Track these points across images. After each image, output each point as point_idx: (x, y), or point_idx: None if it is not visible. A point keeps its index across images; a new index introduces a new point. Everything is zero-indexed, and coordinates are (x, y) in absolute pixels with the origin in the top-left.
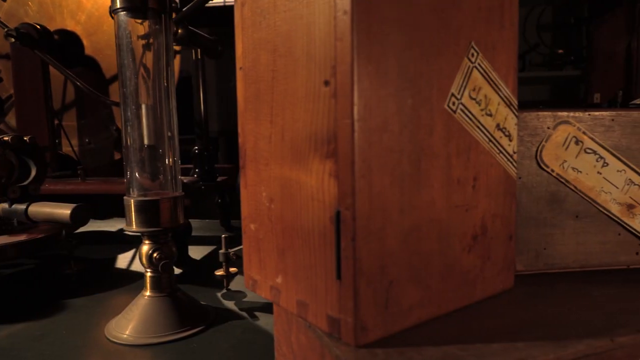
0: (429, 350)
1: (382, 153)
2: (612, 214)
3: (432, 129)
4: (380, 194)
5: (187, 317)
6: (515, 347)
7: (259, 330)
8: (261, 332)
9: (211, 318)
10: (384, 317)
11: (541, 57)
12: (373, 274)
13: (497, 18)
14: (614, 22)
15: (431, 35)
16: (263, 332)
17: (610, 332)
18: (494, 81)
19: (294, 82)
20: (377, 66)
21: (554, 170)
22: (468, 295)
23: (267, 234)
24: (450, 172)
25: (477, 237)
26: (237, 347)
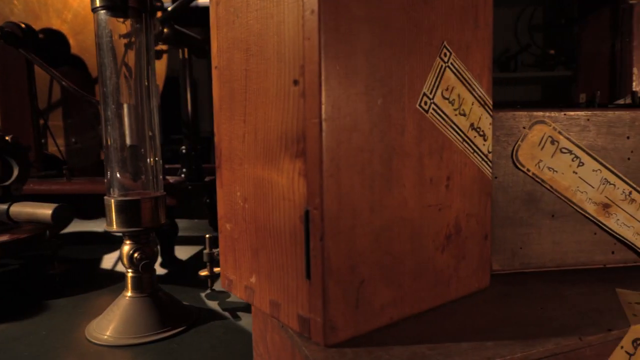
0: (397, 350)
1: (352, 152)
2: (587, 214)
3: (403, 128)
4: (349, 193)
5: (168, 318)
6: (484, 346)
7: (241, 331)
8: (242, 332)
9: (193, 318)
10: (354, 317)
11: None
12: (343, 273)
13: (471, 18)
14: (599, 23)
15: (402, 34)
16: (244, 332)
17: (580, 331)
18: (468, 81)
19: (265, 82)
20: (346, 65)
21: (529, 170)
22: (442, 295)
23: (242, 233)
24: (423, 172)
25: (451, 236)
26: (217, 348)
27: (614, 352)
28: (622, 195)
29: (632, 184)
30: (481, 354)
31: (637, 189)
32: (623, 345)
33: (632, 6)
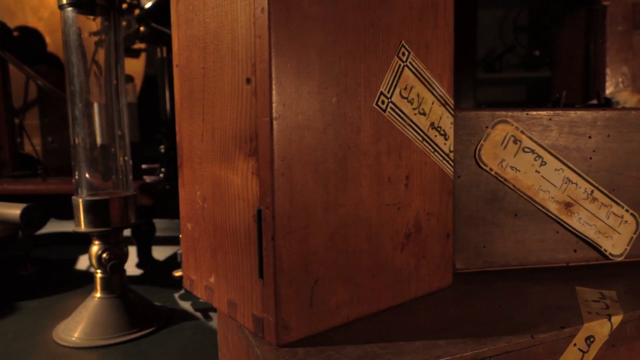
0: (349, 349)
1: (305, 151)
2: (550, 213)
3: (359, 127)
4: (302, 192)
5: (138, 318)
6: (437, 345)
7: (211, 331)
8: (212, 333)
9: (164, 319)
10: (309, 316)
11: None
12: (296, 272)
13: (431, 18)
14: (575, 24)
15: (358, 33)
16: (214, 332)
17: (534, 329)
18: (428, 80)
19: (221, 80)
20: (298, 64)
21: (492, 169)
22: (402, 294)
23: (202, 233)
24: (381, 171)
25: (410, 235)
26: (186, 348)
27: (566, 349)
28: (584, 194)
29: (594, 183)
30: (432, 353)
31: (599, 188)
32: (576, 342)
33: (604, 8)
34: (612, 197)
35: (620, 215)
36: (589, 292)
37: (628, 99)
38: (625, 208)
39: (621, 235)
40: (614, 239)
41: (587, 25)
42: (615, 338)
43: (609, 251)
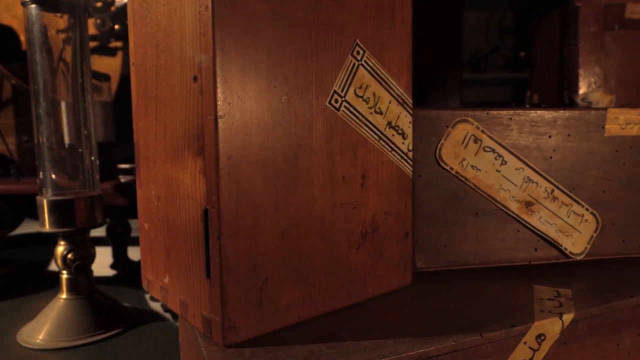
0: (296, 349)
1: (252, 150)
2: (511, 212)
3: (311, 126)
4: (250, 191)
5: (104, 319)
6: (385, 344)
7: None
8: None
9: (132, 320)
10: (258, 316)
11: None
12: (243, 272)
13: (387, 17)
14: (550, 25)
15: (309, 31)
16: None
17: (484, 327)
18: (384, 79)
19: (171, 78)
20: (244, 62)
21: (453, 168)
22: (358, 293)
23: (157, 233)
24: (334, 170)
25: (367, 234)
26: (151, 349)
27: (517, 348)
28: (545, 193)
29: (554, 182)
30: (378, 352)
31: (559, 187)
32: (526, 341)
33: (577, 9)
34: (572, 196)
35: (580, 214)
36: (545, 290)
37: (600, 99)
38: (586, 207)
39: (581, 234)
40: (575, 237)
41: (561, 26)
42: (567, 336)
43: (569, 250)
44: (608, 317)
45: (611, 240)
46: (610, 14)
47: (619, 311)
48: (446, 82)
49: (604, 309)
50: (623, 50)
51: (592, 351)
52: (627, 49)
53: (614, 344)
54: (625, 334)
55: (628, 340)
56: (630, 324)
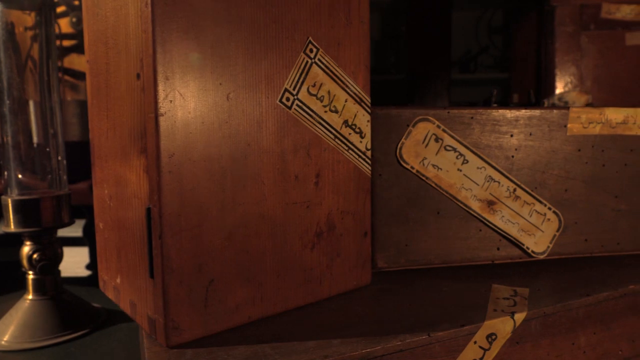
0: (240, 349)
1: (196, 148)
2: (472, 211)
3: (260, 124)
4: (194, 190)
5: (71, 320)
6: (330, 344)
7: None
8: None
9: (100, 320)
10: (203, 317)
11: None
12: (187, 272)
13: (343, 14)
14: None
15: (257, 29)
16: None
17: (434, 327)
18: (340, 77)
19: (119, 75)
20: (187, 59)
21: (414, 168)
22: (314, 293)
23: (110, 233)
24: (286, 169)
25: (322, 234)
26: (116, 350)
27: (466, 347)
28: (507, 192)
29: (516, 181)
30: (321, 352)
31: (521, 186)
32: (476, 340)
33: (553, 8)
34: (534, 195)
35: (543, 213)
36: (503, 289)
37: (576, 99)
38: (548, 206)
39: (544, 233)
40: (537, 236)
41: (538, 26)
42: (520, 335)
43: (531, 249)
44: (562, 316)
45: (574, 240)
46: (586, 14)
47: (574, 310)
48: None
49: (558, 308)
50: (599, 50)
51: (546, 350)
52: (603, 48)
53: (568, 342)
54: (580, 333)
55: (583, 339)
56: (585, 323)
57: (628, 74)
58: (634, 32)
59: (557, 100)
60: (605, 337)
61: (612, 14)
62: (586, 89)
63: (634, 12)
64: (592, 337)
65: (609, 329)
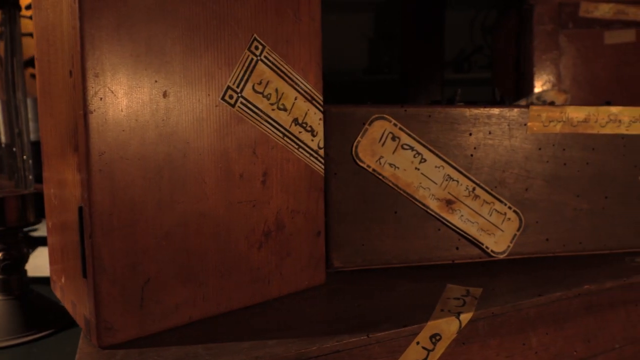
0: (172, 350)
1: (130, 147)
2: (431, 210)
3: (201, 122)
4: (127, 188)
5: (37, 320)
6: (265, 345)
7: None
8: None
9: (66, 320)
10: (139, 317)
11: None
12: (120, 272)
13: (291, 11)
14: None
15: (197, 25)
16: None
17: (377, 327)
18: (288, 75)
19: (57, 73)
20: (119, 56)
21: (370, 166)
22: (261, 293)
23: (56, 232)
24: (230, 167)
25: (270, 233)
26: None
27: (408, 348)
28: (466, 191)
29: (475, 180)
30: (253, 353)
31: (481, 185)
32: (419, 341)
33: (532, 7)
34: (494, 194)
35: (503, 213)
36: (456, 289)
37: (555, 98)
38: (508, 205)
39: (504, 232)
40: (497, 236)
41: (517, 25)
42: (466, 336)
43: (491, 248)
44: (512, 316)
45: (534, 239)
46: (565, 12)
47: (524, 310)
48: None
49: (507, 308)
50: (578, 49)
51: (495, 351)
52: (582, 47)
53: (519, 343)
54: (531, 333)
55: (535, 340)
56: (537, 323)
57: (607, 73)
58: (612, 30)
59: (535, 100)
60: (558, 337)
61: (591, 13)
62: (565, 87)
63: (612, 10)
64: (545, 338)
65: (562, 329)
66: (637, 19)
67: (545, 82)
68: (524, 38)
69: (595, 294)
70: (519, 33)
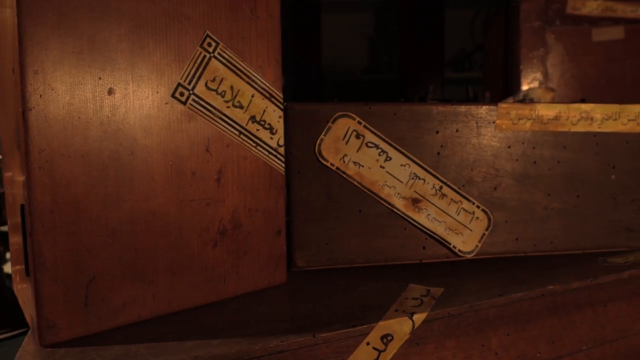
0: (115, 349)
1: (73, 144)
2: (396, 209)
3: (149, 119)
4: (70, 186)
5: (10, 319)
6: (209, 344)
7: None
8: None
9: None
10: (83, 316)
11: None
12: (62, 270)
13: (247, 8)
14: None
15: (144, 22)
16: None
17: (326, 327)
18: (245, 72)
19: (4, 71)
20: (60, 52)
21: (333, 165)
22: (216, 292)
23: (15, 233)
24: (181, 165)
25: (226, 232)
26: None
27: (358, 348)
28: (433, 190)
29: (443, 178)
30: (194, 352)
31: (448, 183)
32: (369, 341)
33: (519, 4)
34: (462, 193)
35: (471, 212)
36: (417, 289)
37: (542, 96)
38: (477, 204)
39: (472, 232)
40: (465, 235)
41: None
42: (420, 336)
43: (458, 248)
44: (469, 316)
45: (504, 239)
46: (552, 9)
47: (482, 311)
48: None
49: (465, 308)
50: (565, 47)
51: (452, 352)
52: (569, 45)
53: (477, 344)
54: (491, 334)
55: (495, 341)
56: (497, 324)
57: (595, 71)
58: (600, 27)
59: (522, 98)
60: (520, 338)
61: (578, 10)
62: (553, 86)
63: (600, 7)
64: (505, 339)
65: (524, 330)
66: (625, 15)
67: (532, 80)
68: (511, 36)
69: (560, 295)
70: (506, 31)
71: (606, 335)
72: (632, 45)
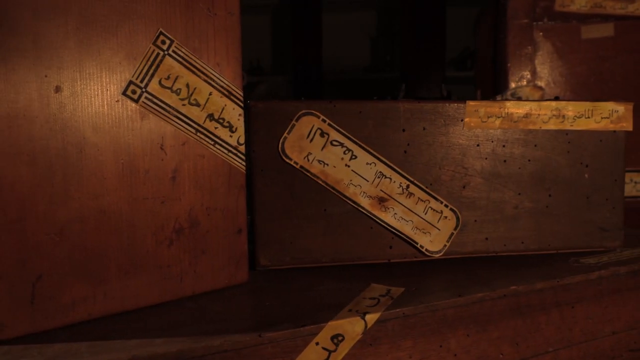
0: (55, 347)
1: (17, 142)
2: (362, 208)
3: (99, 117)
4: (14, 184)
5: None
6: (152, 343)
7: None
8: None
9: None
10: (30, 314)
11: None
12: (8, 268)
13: (204, 6)
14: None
15: (93, 20)
16: None
17: (274, 326)
18: (202, 70)
19: None
20: (4, 51)
21: (297, 163)
22: (172, 291)
23: None
24: (134, 163)
25: (182, 230)
26: None
27: (306, 348)
28: (399, 188)
29: (410, 177)
30: (133, 351)
31: (415, 182)
32: (319, 341)
33: (507, 1)
34: (429, 191)
35: (439, 211)
36: (378, 289)
37: (530, 95)
38: (445, 203)
39: (440, 231)
40: (433, 235)
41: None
42: (374, 337)
43: (425, 247)
44: (426, 317)
45: (473, 238)
46: (540, 6)
47: (440, 311)
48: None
49: (420, 308)
50: (553, 44)
51: (408, 352)
52: (558, 42)
53: (435, 345)
54: (450, 334)
55: (454, 341)
56: (456, 325)
57: (584, 68)
58: (590, 25)
59: (509, 96)
60: (481, 339)
61: (567, 7)
62: (541, 83)
63: (589, 4)
64: (465, 340)
65: (485, 331)
66: (615, 12)
67: (520, 78)
68: (499, 33)
69: (524, 295)
70: (494, 28)
71: (574, 337)
72: (622, 42)
